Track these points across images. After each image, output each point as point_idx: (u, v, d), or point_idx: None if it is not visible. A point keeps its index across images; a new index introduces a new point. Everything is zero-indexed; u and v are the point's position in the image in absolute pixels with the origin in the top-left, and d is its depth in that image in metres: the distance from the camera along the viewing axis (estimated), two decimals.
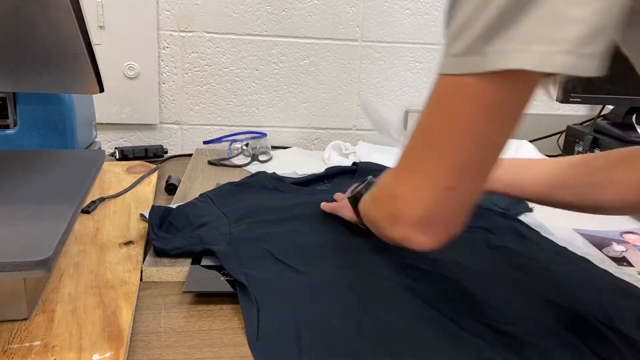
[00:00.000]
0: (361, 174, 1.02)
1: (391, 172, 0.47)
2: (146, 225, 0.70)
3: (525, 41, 0.35)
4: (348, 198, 0.67)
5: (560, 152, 1.29)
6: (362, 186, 0.64)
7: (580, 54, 0.34)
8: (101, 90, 0.68)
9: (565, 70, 0.34)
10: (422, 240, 0.43)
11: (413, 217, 0.42)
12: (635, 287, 0.63)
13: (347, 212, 0.72)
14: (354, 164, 1.02)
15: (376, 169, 1.03)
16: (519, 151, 1.16)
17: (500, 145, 0.41)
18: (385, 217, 0.46)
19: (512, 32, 0.35)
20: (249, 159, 1.11)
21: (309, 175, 0.97)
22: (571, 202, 0.66)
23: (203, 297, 0.58)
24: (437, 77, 0.40)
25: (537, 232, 0.78)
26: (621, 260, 0.73)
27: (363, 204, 0.59)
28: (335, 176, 0.97)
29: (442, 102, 0.40)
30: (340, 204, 0.76)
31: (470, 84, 0.38)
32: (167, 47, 1.19)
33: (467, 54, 0.37)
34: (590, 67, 0.35)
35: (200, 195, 0.83)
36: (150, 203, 0.82)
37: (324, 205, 0.78)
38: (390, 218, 0.45)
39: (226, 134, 1.25)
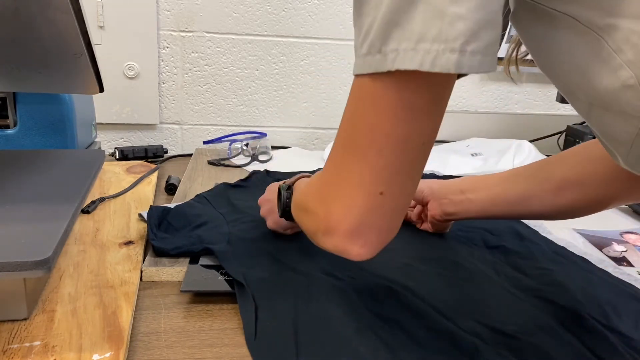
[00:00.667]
0: None
1: (318, 180, 0.45)
2: (146, 225, 0.70)
3: (415, 40, 0.34)
4: (280, 215, 0.64)
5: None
6: (283, 196, 0.61)
7: (463, 51, 0.33)
8: (101, 90, 0.68)
9: (451, 69, 0.33)
10: (356, 250, 0.42)
11: (346, 227, 0.41)
12: (633, 286, 0.64)
13: (270, 219, 0.69)
14: None
15: None
16: (519, 151, 1.16)
17: (426, 144, 0.40)
18: (317, 228, 0.45)
19: (404, 31, 0.34)
20: (249, 159, 1.12)
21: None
22: (536, 212, 0.65)
23: (203, 297, 0.58)
24: (354, 80, 0.39)
25: (536, 232, 0.78)
26: (621, 260, 0.73)
27: (295, 213, 0.56)
28: None
29: (357, 104, 0.40)
30: (265, 209, 0.71)
31: (377, 84, 0.37)
32: (167, 47, 1.19)
33: (371, 53, 0.36)
34: (474, 64, 0.34)
35: (197, 196, 0.83)
36: (150, 203, 0.82)
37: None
38: (322, 229, 0.43)
39: (226, 134, 1.25)
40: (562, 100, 1.20)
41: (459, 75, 0.38)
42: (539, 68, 0.44)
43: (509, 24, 0.45)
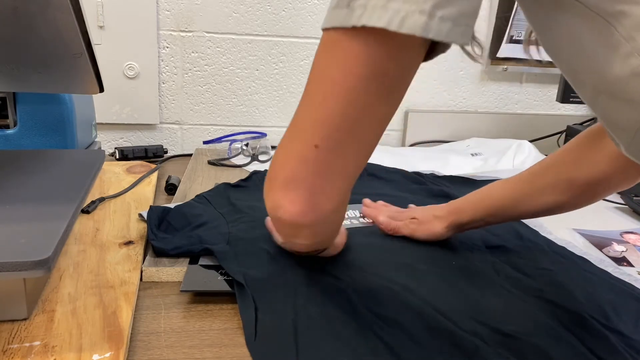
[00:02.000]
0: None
1: None
2: (146, 225, 0.70)
3: None
4: None
5: None
6: None
7: (432, 15, 0.32)
8: (101, 90, 0.68)
9: (418, 31, 0.33)
10: (287, 206, 0.41)
11: (281, 177, 0.41)
12: (633, 286, 0.64)
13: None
14: None
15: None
16: (519, 151, 1.16)
17: (376, 112, 0.38)
18: (265, 183, 0.44)
19: None
20: (249, 159, 1.12)
21: None
22: (518, 215, 0.68)
23: (203, 297, 0.58)
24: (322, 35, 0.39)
25: (536, 232, 0.78)
26: (621, 260, 0.73)
27: None
28: None
29: (319, 57, 0.39)
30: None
31: (341, 38, 0.36)
32: (167, 47, 1.19)
33: (339, 7, 0.36)
34: (442, 30, 0.33)
35: (197, 196, 0.83)
36: (150, 203, 0.82)
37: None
38: (267, 182, 0.43)
39: (226, 134, 1.25)
40: (562, 100, 1.20)
41: (429, 56, 0.37)
42: (545, 51, 0.43)
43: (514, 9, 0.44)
